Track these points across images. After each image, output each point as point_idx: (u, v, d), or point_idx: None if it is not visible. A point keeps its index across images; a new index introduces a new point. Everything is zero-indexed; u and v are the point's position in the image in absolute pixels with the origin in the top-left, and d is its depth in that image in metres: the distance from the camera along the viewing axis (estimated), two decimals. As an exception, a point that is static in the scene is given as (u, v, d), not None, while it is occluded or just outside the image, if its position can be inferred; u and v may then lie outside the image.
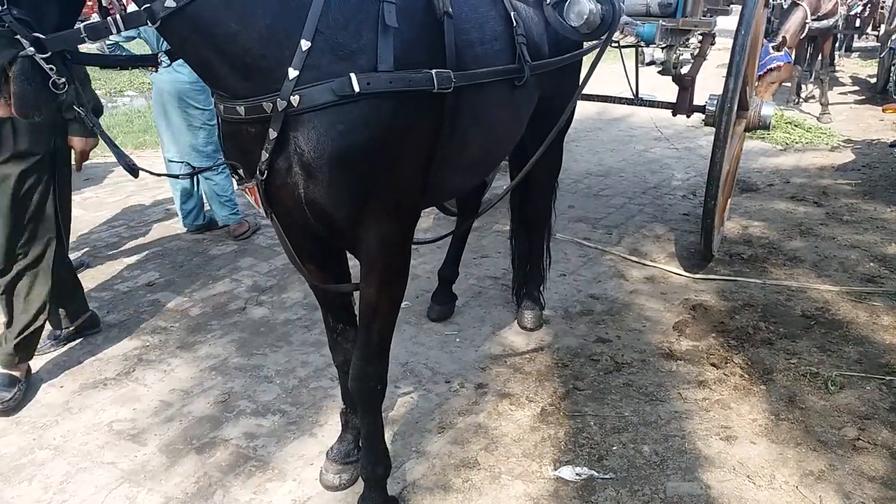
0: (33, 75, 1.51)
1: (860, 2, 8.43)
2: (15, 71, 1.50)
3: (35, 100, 1.54)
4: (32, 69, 1.50)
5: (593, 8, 2.07)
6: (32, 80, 1.51)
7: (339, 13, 1.63)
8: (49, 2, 1.50)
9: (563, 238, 4.46)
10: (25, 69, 1.50)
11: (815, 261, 4.10)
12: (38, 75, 1.51)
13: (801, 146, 6.81)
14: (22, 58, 1.48)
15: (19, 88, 1.51)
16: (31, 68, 1.50)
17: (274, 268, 4.18)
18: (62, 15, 1.53)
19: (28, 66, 1.50)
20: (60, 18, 1.53)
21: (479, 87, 1.97)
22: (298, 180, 1.72)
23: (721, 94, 3.56)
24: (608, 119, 7.87)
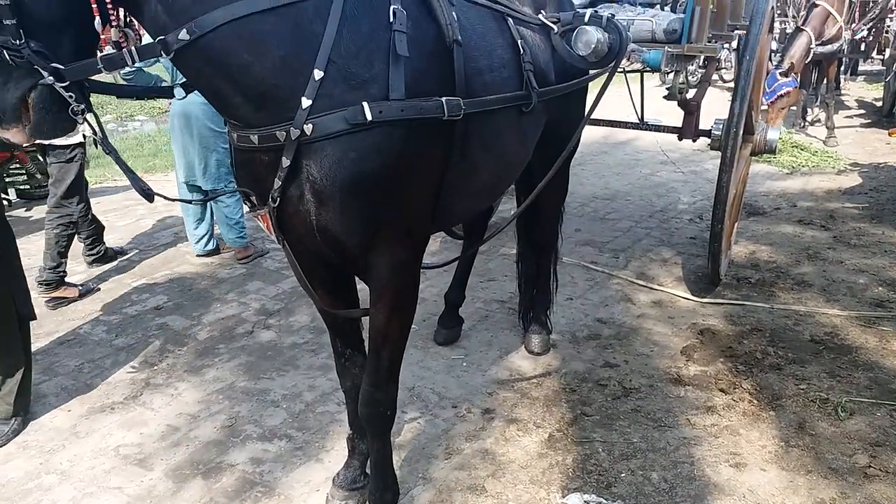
0: (52, 104, 1.55)
1: (865, 26, 8.48)
2: (34, 99, 1.54)
3: (52, 127, 1.59)
4: (51, 98, 1.55)
5: (601, 37, 2.09)
6: (50, 108, 1.56)
7: (351, 43, 1.66)
8: (65, 34, 1.53)
9: (570, 262, 4.46)
10: (44, 98, 1.54)
11: (823, 285, 4.09)
12: (56, 104, 1.56)
13: (808, 170, 6.81)
14: (41, 86, 1.53)
15: (38, 116, 1.56)
16: (49, 97, 1.55)
17: (281, 291, 4.20)
18: (78, 46, 1.56)
19: (47, 94, 1.54)
20: (77, 49, 1.56)
21: (487, 113, 2.00)
22: (310, 207, 1.74)
23: (727, 119, 3.58)
24: (614, 143, 7.90)
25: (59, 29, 1.51)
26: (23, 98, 1.54)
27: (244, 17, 1.56)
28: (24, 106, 1.56)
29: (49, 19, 1.48)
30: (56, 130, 1.62)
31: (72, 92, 1.55)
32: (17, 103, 1.54)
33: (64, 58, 1.52)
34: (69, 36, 1.54)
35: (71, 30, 1.53)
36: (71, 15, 1.50)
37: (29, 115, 1.57)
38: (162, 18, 1.56)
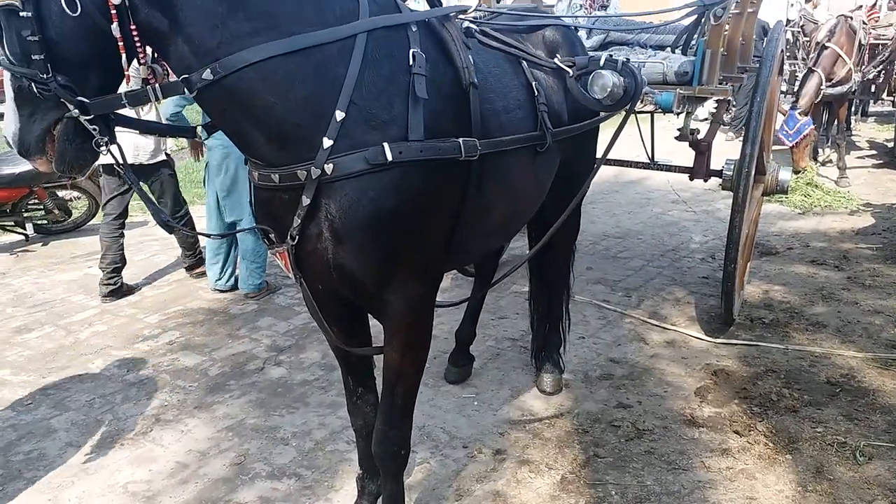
0: (75, 136, 1.61)
1: (874, 68, 8.53)
2: (58, 131, 1.60)
3: (74, 158, 1.64)
4: (75, 130, 1.60)
5: (616, 81, 2.13)
6: (74, 140, 1.61)
7: (372, 85, 1.69)
8: (91, 70, 1.57)
9: (582, 300, 4.45)
10: (69, 130, 1.60)
11: (838, 326, 4.05)
12: (79, 136, 1.61)
13: (820, 210, 6.79)
14: (67, 119, 1.58)
15: (60, 147, 1.62)
16: (73, 129, 1.60)
17: (293, 327, 4.20)
18: (104, 81, 1.61)
19: (71, 126, 1.59)
20: (102, 84, 1.61)
21: (503, 153, 2.02)
22: (328, 245, 1.76)
23: (738, 159, 3.60)
24: (625, 182, 7.93)
25: (85, 65, 1.56)
26: (48, 129, 1.60)
27: (269, 58, 1.60)
28: (49, 137, 1.61)
29: (76, 56, 1.53)
30: (78, 161, 1.66)
31: (96, 125, 1.60)
32: (43, 134, 1.60)
33: (90, 92, 1.57)
34: (95, 71, 1.58)
35: (97, 66, 1.58)
36: (97, 52, 1.55)
37: (53, 146, 1.62)
38: (187, 58, 1.60)
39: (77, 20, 1.49)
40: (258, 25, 1.60)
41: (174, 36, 1.58)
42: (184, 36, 1.58)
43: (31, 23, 1.46)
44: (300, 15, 1.65)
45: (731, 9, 3.44)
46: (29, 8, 1.45)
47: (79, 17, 1.48)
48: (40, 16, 1.47)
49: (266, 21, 1.61)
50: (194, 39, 1.58)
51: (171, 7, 1.55)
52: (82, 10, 1.48)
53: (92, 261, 5.53)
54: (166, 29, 1.57)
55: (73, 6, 1.47)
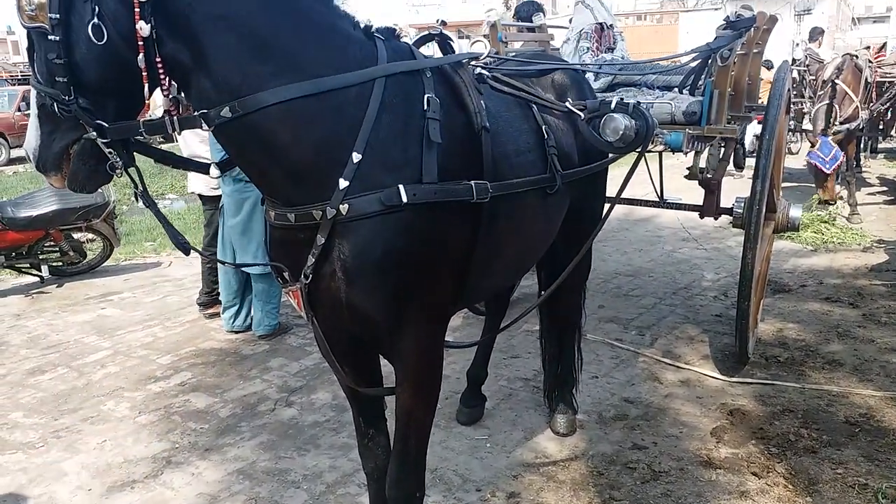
0: (90, 157, 1.66)
1: (882, 105, 8.56)
2: (75, 151, 1.65)
3: (85, 178, 1.70)
4: (90, 152, 1.65)
5: (628, 124, 2.16)
6: (87, 161, 1.67)
7: (388, 128, 1.74)
8: (112, 95, 1.63)
9: (595, 339, 4.42)
10: (84, 151, 1.65)
11: (855, 364, 3.99)
12: (94, 157, 1.66)
13: (833, 246, 6.76)
14: (84, 140, 1.63)
15: (74, 166, 1.67)
16: (89, 151, 1.65)
17: (304, 368, 4.19)
18: (124, 107, 1.67)
19: (88, 148, 1.65)
20: (122, 110, 1.66)
21: (513, 195, 2.05)
22: (341, 284, 1.78)
23: (749, 197, 3.61)
24: (635, 219, 7.94)
25: (107, 90, 1.61)
26: (66, 148, 1.65)
27: (289, 100, 1.64)
28: (66, 155, 1.67)
29: (98, 81, 1.59)
30: (90, 182, 1.72)
31: (113, 148, 1.65)
32: (61, 153, 1.66)
33: (109, 116, 1.63)
34: (116, 98, 1.64)
35: (118, 92, 1.63)
36: (120, 80, 1.60)
37: (69, 164, 1.68)
38: (208, 93, 1.65)
39: (102, 48, 1.54)
40: (281, 67, 1.65)
41: (197, 71, 1.63)
42: (206, 72, 1.63)
43: (59, 47, 1.52)
44: (322, 58, 1.70)
45: (736, 50, 3.48)
46: (58, 32, 1.52)
47: (104, 45, 1.54)
48: (68, 40, 1.53)
49: (289, 63, 1.66)
50: (216, 76, 1.63)
51: (197, 43, 1.60)
52: (108, 40, 1.53)
53: (105, 302, 5.58)
54: (190, 63, 1.62)
55: (100, 35, 1.53)
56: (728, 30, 3.29)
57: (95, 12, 1.52)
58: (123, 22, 1.54)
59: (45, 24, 1.52)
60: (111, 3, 1.54)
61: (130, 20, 1.54)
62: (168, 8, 1.56)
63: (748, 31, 3.44)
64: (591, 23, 4.31)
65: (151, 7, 1.54)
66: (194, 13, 1.58)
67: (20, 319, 5.22)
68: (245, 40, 1.62)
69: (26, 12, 1.53)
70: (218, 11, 1.60)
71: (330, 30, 1.76)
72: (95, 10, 1.52)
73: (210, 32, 1.60)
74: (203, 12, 1.59)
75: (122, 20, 1.54)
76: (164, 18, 1.56)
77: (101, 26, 1.52)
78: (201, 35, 1.60)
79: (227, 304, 4.73)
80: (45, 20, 1.52)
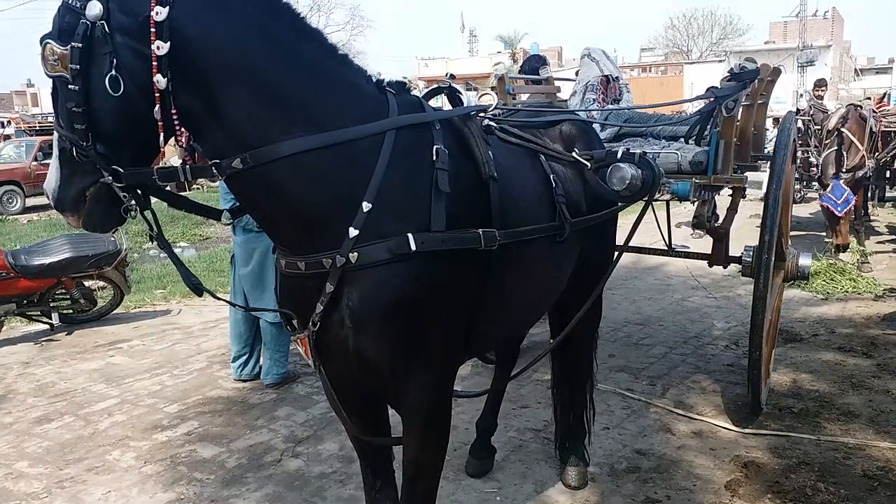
0: (106, 200, 1.71)
1: (888, 154, 8.62)
2: (91, 193, 1.71)
3: (99, 220, 1.76)
4: (106, 195, 1.70)
5: (635, 173, 2.19)
6: (103, 203, 1.72)
7: (398, 178, 1.77)
8: (128, 143, 1.69)
9: (606, 389, 4.37)
10: (100, 194, 1.70)
11: (871, 416, 3.92)
12: (109, 201, 1.71)
13: (843, 295, 6.72)
14: (101, 183, 1.68)
15: (90, 207, 1.74)
16: (105, 194, 1.70)
17: (311, 417, 4.15)
18: (140, 154, 1.72)
19: (103, 191, 1.70)
20: (138, 156, 1.72)
21: (522, 243, 2.07)
22: (349, 332, 1.79)
23: (757, 247, 3.61)
24: (643, 267, 7.93)
25: (123, 138, 1.67)
26: (83, 191, 1.71)
27: (301, 152, 1.67)
28: (83, 197, 1.72)
29: (115, 130, 1.65)
30: (103, 223, 1.78)
31: (128, 192, 1.70)
32: (79, 194, 1.71)
33: (125, 162, 1.68)
34: (132, 145, 1.69)
35: (134, 141, 1.69)
36: (135, 129, 1.66)
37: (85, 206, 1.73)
38: (220, 144, 1.70)
39: (119, 99, 1.60)
40: (294, 120, 1.70)
41: (210, 122, 1.68)
42: (219, 123, 1.67)
43: (78, 95, 1.59)
44: (336, 111, 1.75)
45: (741, 101, 3.54)
46: (77, 82, 1.58)
47: (120, 96, 1.60)
48: (87, 90, 1.60)
49: (302, 116, 1.71)
50: (229, 128, 1.68)
51: (211, 96, 1.65)
52: (124, 91, 1.59)
53: (114, 349, 5.58)
54: (203, 115, 1.67)
55: (116, 87, 1.59)
56: (732, 81, 3.35)
57: (113, 65, 1.58)
58: (139, 75, 1.60)
59: (67, 73, 1.59)
60: (129, 56, 1.60)
61: (146, 73, 1.60)
62: (184, 62, 1.61)
63: (752, 82, 3.49)
64: (596, 75, 4.40)
65: (168, 60, 1.59)
66: (209, 67, 1.63)
67: (28, 367, 5.22)
68: (258, 94, 1.67)
69: (49, 62, 1.61)
70: (232, 66, 1.65)
71: (343, 83, 1.81)
72: (113, 63, 1.58)
73: (224, 86, 1.65)
74: (217, 67, 1.64)
75: (138, 73, 1.60)
76: (179, 72, 1.62)
77: (118, 78, 1.59)
78: (215, 88, 1.65)
79: (238, 354, 4.72)
80: (66, 70, 1.59)
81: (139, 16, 1.58)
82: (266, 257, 4.35)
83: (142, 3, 1.58)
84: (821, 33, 40.87)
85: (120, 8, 1.58)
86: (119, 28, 1.59)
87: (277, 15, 1.73)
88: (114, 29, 1.58)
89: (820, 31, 41.05)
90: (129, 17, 1.59)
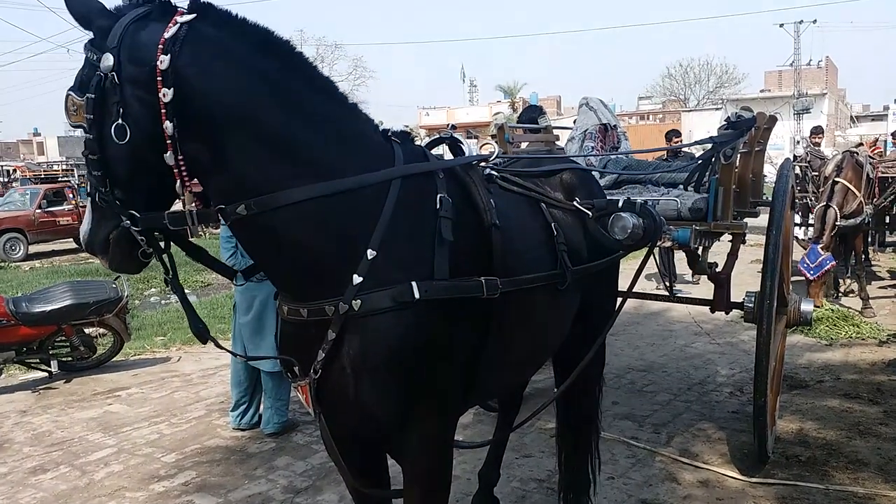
0: (126, 243, 1.77)
1: (885, 200, 8.67)
2: (113, 237, 1.77)
3: (121, 262, 1.83)
4: (126, 238, 1.76)
5: (636, 222, 2.21)
6: (123, 246, 1.78)
7: (402, 226, 1.79)
8: (140, 188, 1.73)
9: (610, 437, 4.31)
10: (121, 237, 1.76)
11: (880, 464, 3.86)
12: (129, 244, 1.77)
13: (847, 340, 6.67)
14: (122, 228, 1.74)
15: (112, 250, 1.80)
16: (125, 237, 1.76)
17: (310, 467, 4.09)
18: (154, 199, 1.77)
19: (124, 234, 1.75)
20: (153, 202, 1.76)
21: (524, 291, 2.07)
22: (350, 380, 1.78)
23: (759, 293, 3.60)
24: (646, 313, 7.90)
25: (135, 184, 1.72)
26: (108, 234, 1.77)
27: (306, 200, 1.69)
28: (109, 240, 1.78)
29: (126, 176, 1.70)
30: (124, 265, 1.84)
31: (145, 237, 1.76)
32: (105, 238, 1.78)
33: (140, 207, 1.72)
34: (146, 190, 1.74)
35: (146, 186, 1.73)
36: (144, 175, 1.71)
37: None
38: (225, 190, 1.72)
39: (125, 147, 1.65)
40: (300, 168, 1.73)
41: (215, 168, 1.71)
42: (224, 170, 1.71)
43: (94, 143, 1.66)
44: (343, 160, 1.77)
45: (739, 148, 3.58)
46: (93, 131, 1.66)
47: (127, 144, 1.65)
48: (100, 138, 1.66)
49: (309, 165, 1.74)
50: (234, 175, 1.71)
51: (216, 143, 1.69)
52: (130, 139, 1.64)
53: (113, 397, 5.53)
54: (209, 161, 1.71)
55: (122, 135, 1.64)
56: (730, 129, 3.39)
57: (120, 114, 1.64)
58: (144, 123, 1.65)
59: (84, 123, 1.66)
60: (135, 105, 1.65)
61: (150, 122, 1.65)
62: (189, 109, 1.66)
63: (749, 130, 3.54)
64: (595, 123, 4.47)
65: (173, 108, 1.63)
66: (213, 115, 1.67)
67: (25, 416, 5.16)
68: (263, 142, 1.70)
69: (71, 112, 1.70)
70: (237, 114, 1.68)
71: (351, 133, 1.84)
72: (120, 112, 1.64)
73: (228, 133, 1.68)
74: (222, 114, 1.68)
75: (143, 122, 1.65)
76: (185, 119, 1.66)
77: (124, 126, 1.64)
78: (220, 135, 1.68)
79: (237, 402, 4.67)
80: (83, 120, 1.66)
81: (147, 65, 1.63)
82: (266, 306, 4.35)
83: (150, 53, 1.63)
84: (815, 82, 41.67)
85: (130, 59, 1.64)
86: (128, 78, 1.64)
87: (287, 64, 1.77)
88: (124, 80, 1.64)
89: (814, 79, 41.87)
90: (138, 66, 1.64)
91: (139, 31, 1.65)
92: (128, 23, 1.65)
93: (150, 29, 1.65)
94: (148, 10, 1.68)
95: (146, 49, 1.63)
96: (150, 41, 1.64)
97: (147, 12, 1.68)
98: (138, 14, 1.67)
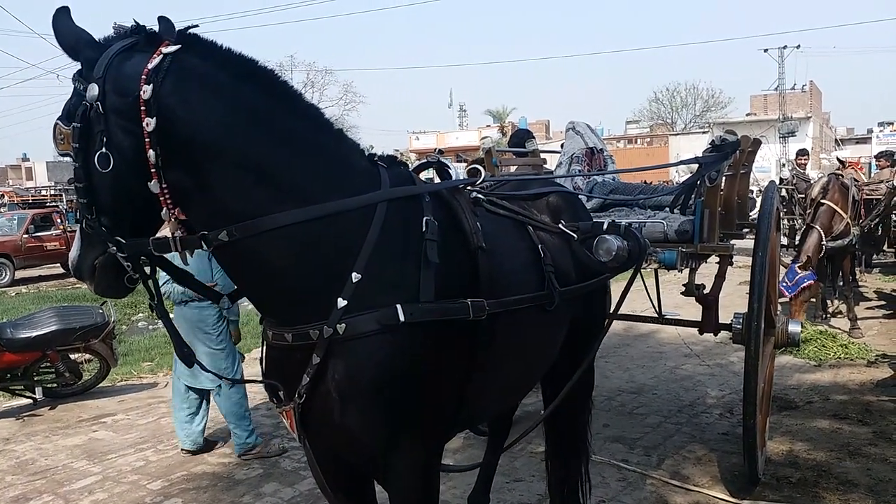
0: (112, 269, 1.78)
1: (871, 222, 8.76)
2: (99, 261, 1.78)
3: (107, 287, 1.84)
4: (111, 264, 1.77)
5: (621, 244, 2.23)
6: (109, 272, 1.79)
7: (388, 249, 1.79)
8: (125, 215, 1.74)
9: (601, 460, 4.28)
10: (108, 263, 1.78)
11: (869, 484, 3.85)
12: (114, 269, 1.78)
13: (836, 361, 6.70)
14: (108, 254, 1.75)
15: (99, 275, 1.82)
16: (111, 263, 1.77)
17: (298, 493, 4.04)
18: (140, 226, 1.77)
19: (110, 260, 1.76)
20: (138, 228, 1.77)
21: (511, 313, 2.07)
22: (335, 405, 1.76)
23: (746, 314, 3.62)
24: (635, 335, 7.91)
25: (120, 211, 1.73)
26: (95, 259, 1.78)
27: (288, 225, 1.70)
28: (94, 266, 1.79)
29: (111, 203, 1.71)
30: (112, 290, 1.85)
31: (130, 262, 1.76)
32: (91, 263, 1.79)
33: (126, 233, 1.73)
34: (130, 217, 1.75)
35: (131, 213, 1.74)
36: (128, 202, 1.72)
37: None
38: (208, 216, 1.73)
39: (109, 175, 1.66)
40: (284, 195, 1.73)
41: (198, 195, 1.72)
42: (207, 197, 1.72)
43: (80, 171, 1.68)
44: (326, 186, 1.78)
45: (724, 171, 3.62)
46: (79, 159, 1.67)
47: (110, 172, 1.66)
48: (86, 167, 1.67)
49: (292, 191, 1.74)
50: (217, 202, 1.72)
51: (198, 171, 1.69)
52: (113, 168, 1.65)
53: (98, 424, 5.46)
54: (192, 188, 1.71)
55: (105, 164, 1.65)
56: (714, 153, 3.43)
57: (104, 143, 1.65)
58: (127, 152, 1.66)
59: (70, 152, 1.68)
60: (119, 134, 1.66)
61: (134, 151, 1.66)
62: (171, 138, 1.67)
63: (734, 153, 3.58)
64: (581, 147, 4.51)
65: (157, 137, 1.64)
66: (195, 143, 1.68)
67: (9, 444, 5.08)
68: (245, 169, 1.71)
69: (58, 141, 1.72)
70: (219, 143, 1.70)
71: (335, 158, 1.85)
72: (104, 141, 1.65)
73: (210, 161, 1.69)
74: (204, 143, 1.69)
75: (126, 150, 1.66)
76: (167, 148, 1.67)
77: (108, 155, 1.65)
78: (202, 163, 1.69)
79: (183, 420, 4.67)
80: (70, 149, 1.68)
81: (130, 95, 1.65)
82: (195, 328, 4.44)
83: (133, 84, 1.65)
84: (800, 105, 42.26)
85: (114, 89, 1.66)
86: (112, 108, 1.66)
87: (271, 92, 1.78)
88: (108, 109, 1.65)
89: (799, 103, 42.47)
90: (122, 97, 1.66)
91: (124, 62, 1.67)
92: (113, 54, 1.67)
93: (135, 60, 1.67)
94: (134, 41, 1.71)
95: (130, 80, 1.65)
96: (134, 72, 1.66)
97: (133, 43, 1.70)
98: (124, 45, 1.69)
